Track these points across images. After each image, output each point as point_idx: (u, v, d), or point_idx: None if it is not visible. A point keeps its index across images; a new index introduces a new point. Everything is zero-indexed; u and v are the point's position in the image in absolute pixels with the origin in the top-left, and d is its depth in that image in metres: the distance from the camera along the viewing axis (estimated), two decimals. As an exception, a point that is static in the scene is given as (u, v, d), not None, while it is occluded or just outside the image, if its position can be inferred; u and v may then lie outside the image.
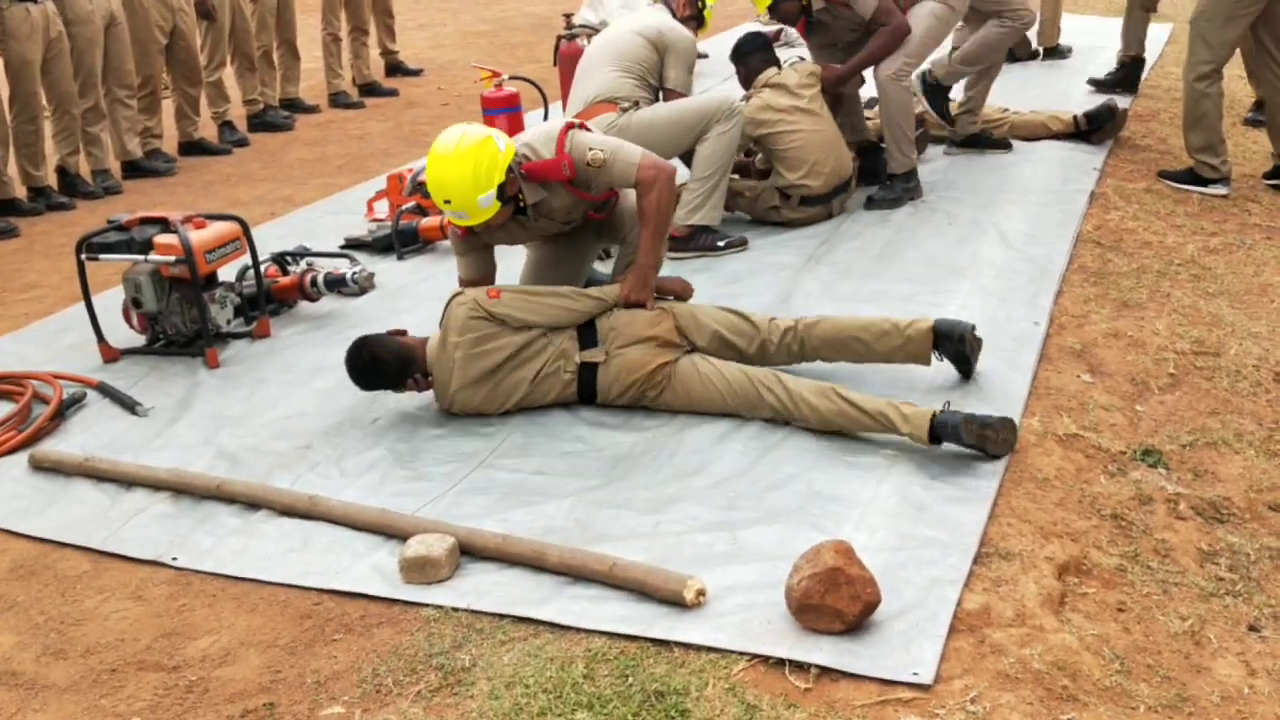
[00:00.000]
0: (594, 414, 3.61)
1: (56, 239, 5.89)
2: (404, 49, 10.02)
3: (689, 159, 4.96)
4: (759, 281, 4.62)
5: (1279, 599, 2.88)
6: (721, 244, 4.92)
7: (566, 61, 6.28)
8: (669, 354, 3.59)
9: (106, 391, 4.04)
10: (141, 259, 4.21)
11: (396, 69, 9.64)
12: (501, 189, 3.59)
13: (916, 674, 2.42)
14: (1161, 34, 9.04)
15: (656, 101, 4.96)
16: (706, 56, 7.80)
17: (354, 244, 5.28)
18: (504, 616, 2.72)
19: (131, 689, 2.65)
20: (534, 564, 2.86)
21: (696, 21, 5.30)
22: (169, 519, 3.29)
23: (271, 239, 5.27)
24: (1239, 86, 6.84)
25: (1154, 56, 8.18)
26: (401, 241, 5.16)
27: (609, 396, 3.62)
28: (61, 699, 2.65)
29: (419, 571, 2.87)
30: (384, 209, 5.66)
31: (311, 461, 3.52)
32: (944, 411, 3.23)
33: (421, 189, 5.47)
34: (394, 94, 8.99)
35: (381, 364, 3.62)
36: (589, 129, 3.85)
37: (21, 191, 6.43)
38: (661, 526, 3.00)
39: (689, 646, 2.55)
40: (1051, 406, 3.56)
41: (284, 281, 4.60)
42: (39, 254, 5.75)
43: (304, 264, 4.78)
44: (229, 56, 7.82)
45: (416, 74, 9.66)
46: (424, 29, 12.09)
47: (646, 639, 2.59)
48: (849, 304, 4.26)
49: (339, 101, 8.69)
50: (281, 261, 4.73)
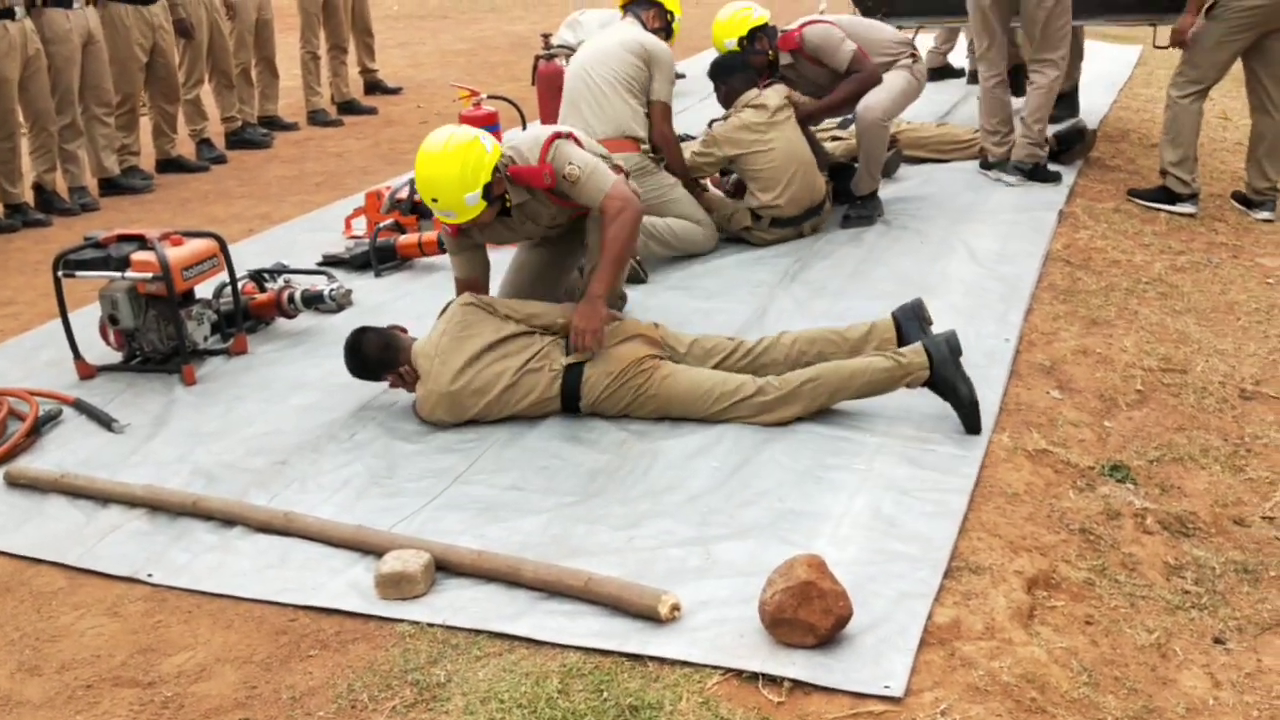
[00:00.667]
0: (570, 430, 3.63)
1: (33, 256, 5.89)
2: (383, 67, 10.07)
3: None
4: (734, 298, 4.67)
5: (1243, 612, 2.93)
6: None
7: (545, 81, 6.34)
8: (655, 350, 3.68)
9: (83, 408, 4.03)
10: (118, 276, 4.22)
11: (375, 87, 9.68)
12: (488, 189, 3.69)
13: (888, 687, 2.45)
14: (1131, 55, 9.19)
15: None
16: (684, 76, 7.86)
17: (331, 261, 5.30)
18: (479, 632, 2.74)
19: (107, 705, 2.65)
20: (509, 579, 2.88)
21: (665, 33, 5.36)
22: (145, 535, 3.29)
23: (249, 256, 5.28)
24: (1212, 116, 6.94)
25: (1123, 78, 8.30)
26: (379, 259, 5.18)
27: (593, 397, 3.65)
28: (36, 715, 2.65)
29: (394, 587, 2.88)
30: (362, 226, 5.68)
31: (288, 478, 3.53)
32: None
33: (399, 206, 5.51)
34: (373, 112, 9.03)
35: (367, 345, 3.77)
36: (577, 140, 3.90)
37: (-2, 208, 6.43)
38: (636, 542, 3.03)
39: (663, 661, 2.58)
40: (1021, 422, 3.61)
41: (261, 298, 4.61)
42: (15, 271, 5.75)
43: (281, 281, 4.79)
44: (207, 74, 7.84)
45: (395, 92, 9.70)
46: (403, 48, 12.14)
47: (621, 654, 2.61)
48: (822, 321, 4.28)
49: (317, 119, 8.72)
50: (259, 278, 4.74)
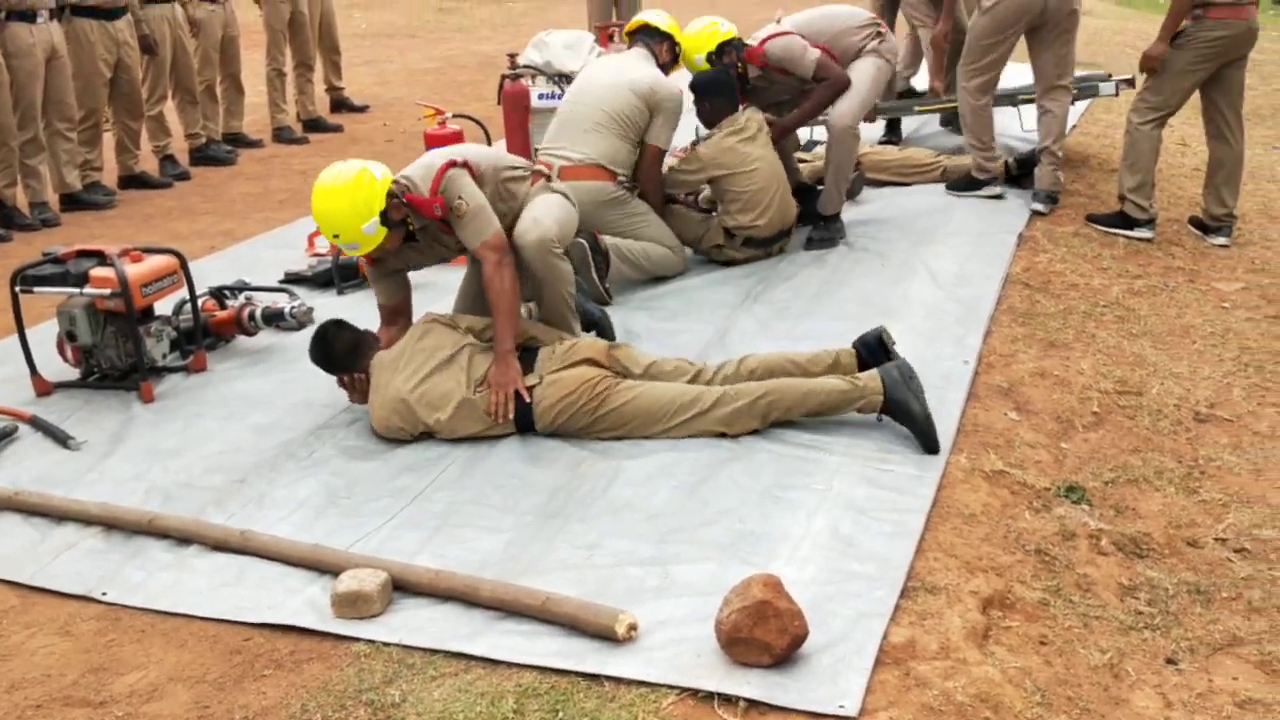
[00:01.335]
0: (530, 449, 3.63)
1: (-9, 271, 5.82)
2: (350, 85, 10.04)
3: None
4: (697, 319, 4.68)
5: (1196, 633, 2.96)
6: None
7: (510, 101, 6.33)
8: (605, 371, 3.69)
9: (39, 425, 3.99)
10: (77, 292, 4.18)
11: (342, 105, 9.66)
12: (385, 215, 3.71)
13: (842, 706, 2.46)
14: (1092, 82, 9.29)
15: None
16: None
17: (294, 278, 5.27)
18: (435, 652, 2.73)
19: (56, 726, 2.62)
20: (467, 599, 2.87)
21: (674, 62, 5.41)
22: (99, 554, 3.25)
23: (211, 273, 5.25)
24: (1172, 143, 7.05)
25: (1084, 104, 8.39)
26: (341, 276, 5.17)
27: (547, 420, 3.65)
28: (-17, 737, 2.61)
29: (351, 606, 2.87)
30: (325, 244, 5.65)
31: (245, 496, 3.50)
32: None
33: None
34: (339, 130, 9.01)
35: (336, 339, 3.86)
36: (473, 170, 3.86)
37: (-43, 222, 6.35)
38: (595, 560, 3.03)
39: (620, 681, 2.57)
40: (979, 444, 3.64)
41: (221, 316, 4.58)
42: (-28, 286, 5.67)
43: (242, 298, 4.76)
44: (171, 91, 7.79)
45: (362, 110, 9.69)
46: (370, 65, 12.12)
47: (578, 674, 2.61)
48: (784, 342, 4.32)
49: (283, 136, 8.69)
50: (219, 296, 4.71)
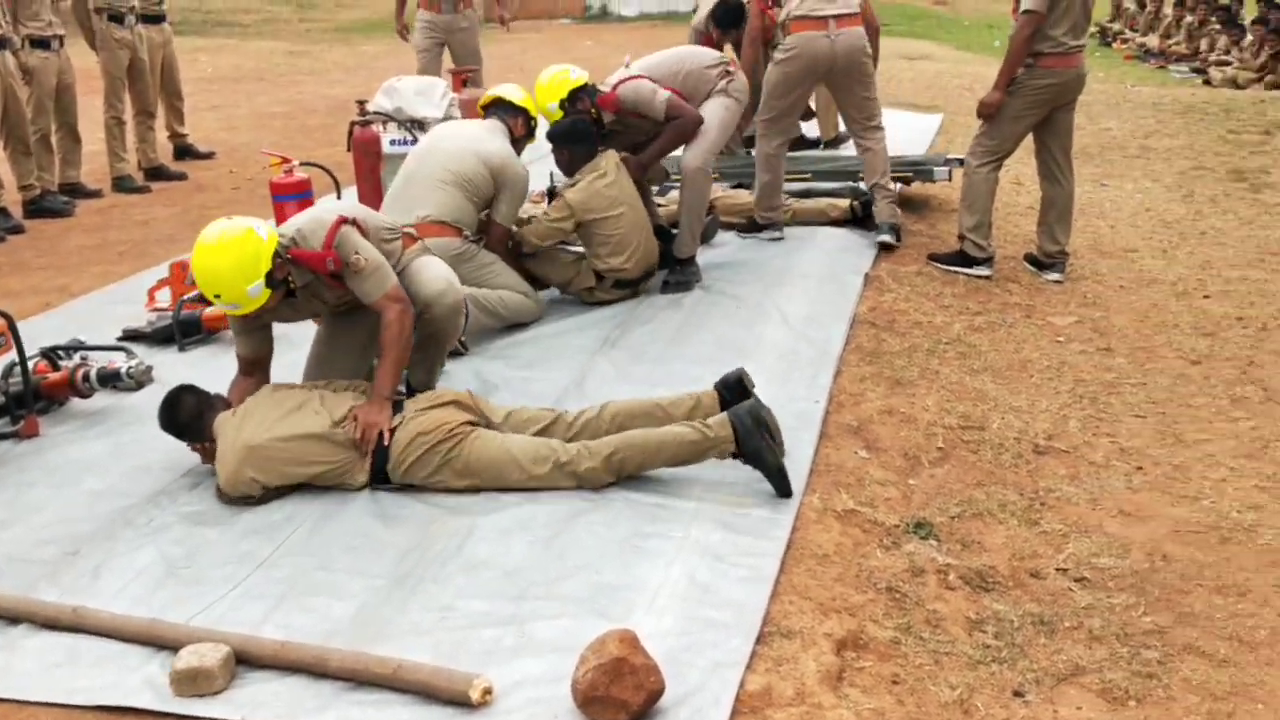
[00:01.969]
0: (381, 507, 3.54)
1: None
2: (195, 131, 9.79)
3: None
4: (554, 365, 4.67)
5: (1041, 664, 3.04)
6: None
7: (360, 147, 6.26)
8: (469, 416, 3.66)
9: None
10: (-108, 358, 3.94)
11: (186, 152, 9.39)
12: (269, 276, 3.64)
13: (699, 759, 2.45)
14: (933, 124, 9.67)
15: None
16: None
17: (132, 335, 5.07)
18: (282, 727, 2.63)
19: None
20: (315, 670, 2.77)
21: (528, 137, 5.42)
22: (-84, 640, 3.04)
23: (44, 332, 5.01)
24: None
25: (925, 145, 8.72)
26: (183, 332, 4.99)
27: (399, 459, 3.59)
28: None
29: (191, 684, 2.74)
30: (166, 298, 5.46)
31: (79, 569, 3.32)
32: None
33: (206, 278, 5.32)
34: (183, 178, 8.75)
35: (181, 406, 3.78)
36: (364, 229, 3.84)
37: None
38: (448, 623, 2.96)
39: (474, 746, 2.52)
40: (831, 483, 3.70)
41: (54, 378, 4.37)
42: None
43: (77, 358, 4.55)
44: (2, 142, 7.46)
45: (208, 157, 9.44)
46: (216, 110, 11.83)
47: (430, 742, 2.55)
48: (641, 387, 4.33)
49: (123, 186, 8.39)
50: (52, 356, 4.49)
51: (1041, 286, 5.98)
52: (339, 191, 6.18)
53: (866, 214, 6.30)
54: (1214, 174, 8.65)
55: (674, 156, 5.78)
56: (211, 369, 4.77)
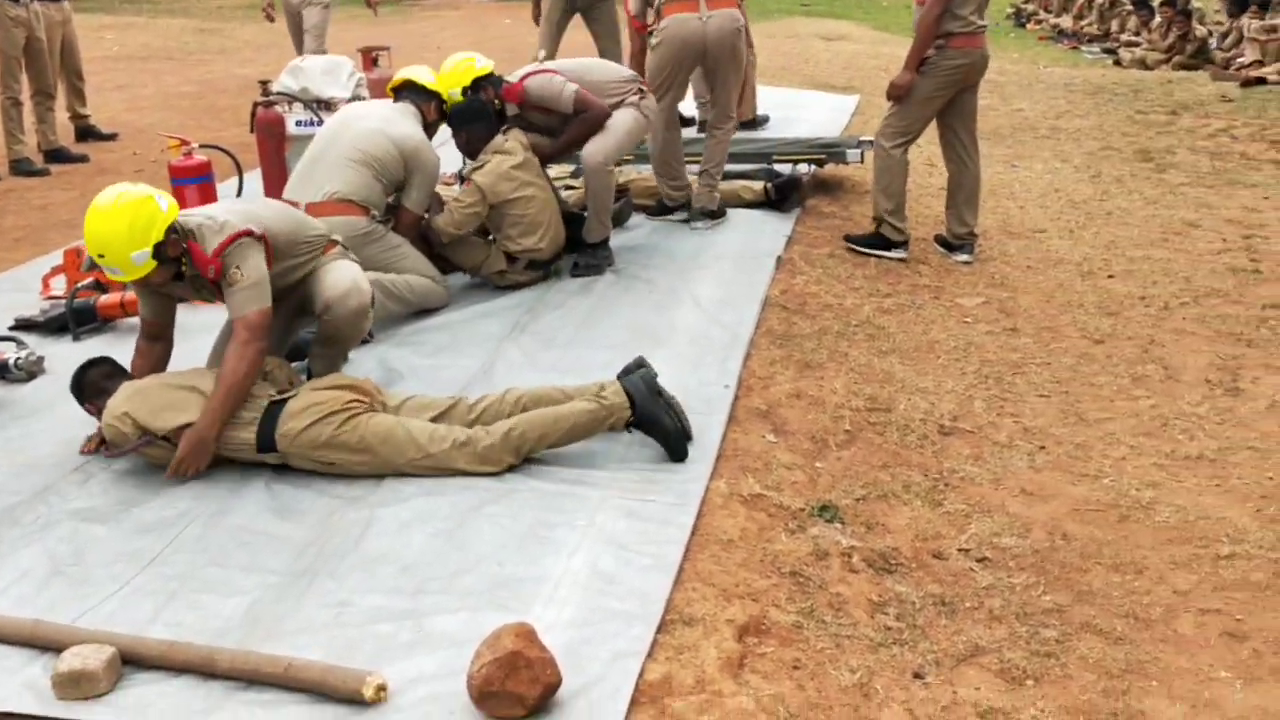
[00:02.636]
0: (278, 501, 3.46)
1: None
2: (99, 111, 9.50)
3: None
4: (462, 352, 4.60)
5: (941, 645, 3.06)
6: None
7: (263, 128, 6.10)
8: (364, 398, 3.62)
9: None
10: None
11: (88, 133, 9.11)
12: (159, 249, 3.56)
13: (597, 752, 2.43)
14: (849, 105, 9.72)
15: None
16: None
17: (25, 325, 4.90)
18: (168, 730, 2.55)
19: None
20: (203, 671, 2.69)
21: (440, 120, 5.33)
22: None
23: (-69, 322, 4.83)
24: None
25: (841, 125, 8.76)
26: (77, 321, 4.83)
27: (292, 431, 3.52)
28: None
29: (74, 687, 2.65)
30: (62, 285, 5.29)
31: (-40, 571, 3.20)
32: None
33: (102, 265, 5.16)
34: (84, 160, 8.48)
35: (95, 368, 3.79)
36: (268, 244, 3.75)
37: None
38: (344, 619, 2.89)
39: (367, 745, 2.47)
40: (738, 467, 3.69)
41: (-62, 370, 4.21)
42: None
43: (-36, 349, 4.39)
44: (-111, 122, 7.18)
45: (110, 139, 9.16)
46: (122, 90, 11.50)
47: (323, 741, 2.49)
48: (550, 374, 4.28)
49: (20, 169, 8.11)
50: (-64, 348, 4.33)
51: (951, 268, 6.03)
52: (240, 175, 6.03)
53: (781, 197, 6.30)
54: (1121, 154, 8.81)
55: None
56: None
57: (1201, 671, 3.00)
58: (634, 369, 3.79)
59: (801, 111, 9.03)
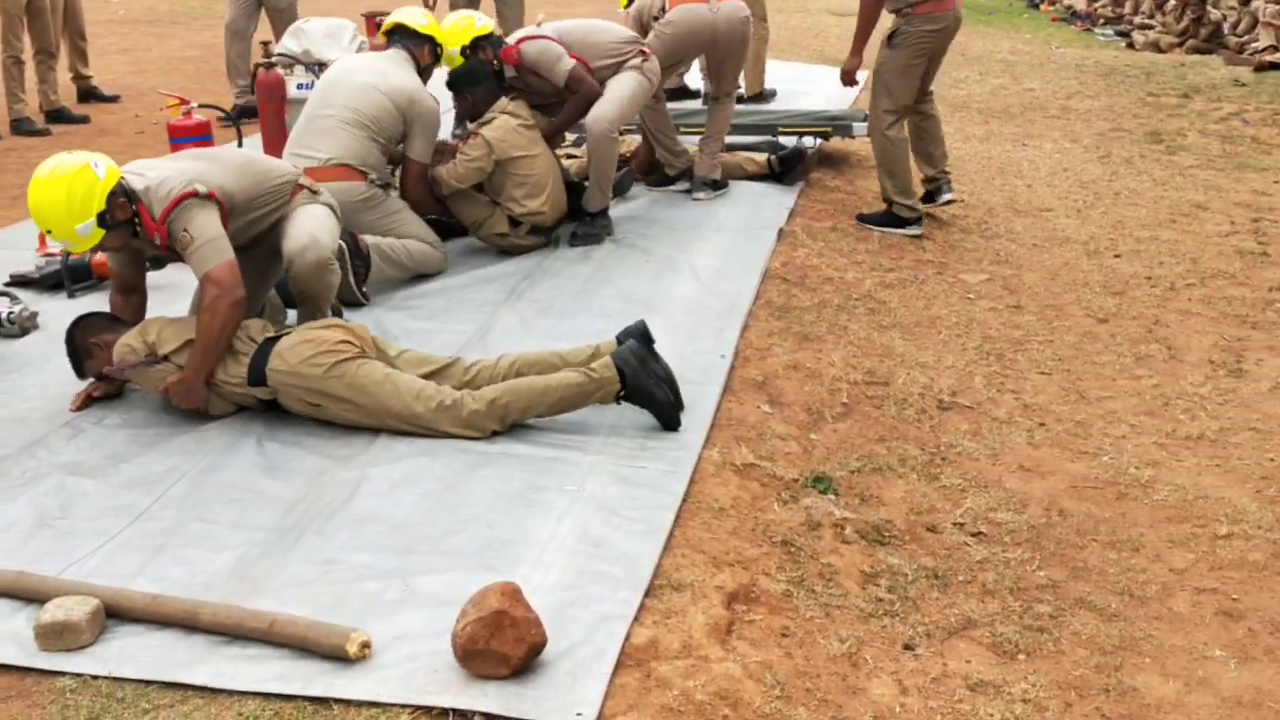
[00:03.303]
0: (268, 459, 3.43)
1: None
2: (103, 74, 9.44)
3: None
4: (457, 317, 4.57)
5: (932, 618, 3.03)
6: None
7: (264, 90, 6.05)
8: (359, 343, 3.61)
9: None
10: None
11: (90, 95, 9.05)
12: (103, 217, 3.49)
13: (580, 714, 2.40)
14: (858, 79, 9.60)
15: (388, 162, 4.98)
16: None
17: (19, 281, 4.87)
18: (149, 683, 2.52)
19: None
20: (186, 624, 2.67)
21: (435, 64, 5.25)
22: None
23: (-75, 277, 4.80)
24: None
25: (849, 102, 8.66)
26: (72, 278, 4.79)
27: (281, 369, 3.53)
28: None
29: (57, 638, 2.63)
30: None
31: (-53, 522, 3.18)
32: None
33: (99, 222, 5.13)
34: (85, 121, 8.43)
35: (93, 319, 3.80)
36: (220, 202, 3.67)
37: None
38: (330, 576, 2.87)
39: (349, 703, 2.44)
40: (732, 437, 3.65)
41: (-70, 323, 4.19)
42: None
43: (-42, 303, 4.36)
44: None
45: (113, 100, 9.10)
46: (126, 53, 11.43)
47: (304, 698, 2.46)
48: (545, 340, 4.24)
49: (21, 128, 8.05)
50: (-70, 301, 4.30)
51: (955, 243, 5.98)
52: (239, 136, 5.99)
53: (784, 169, 6.25)
54: (1132, 136, 8.73)
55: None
56: (101, 316, 4.61)
57: (1196, 650, 2.97)
58: (635, 332, 3.74)
59: (810, 86, 8.94)
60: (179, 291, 4.39)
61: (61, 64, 8.68)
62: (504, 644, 2.46)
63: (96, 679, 2.54)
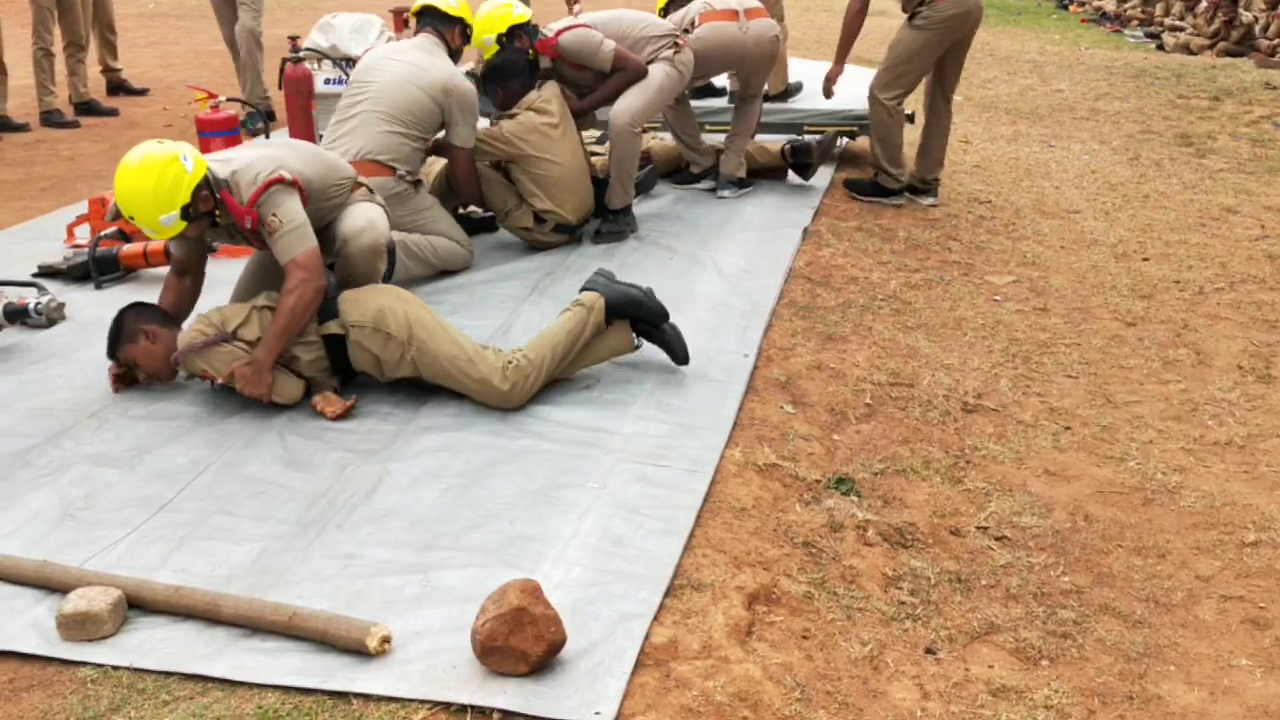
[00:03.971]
0: (291, 453, 3.44)
1: None
2: (131, 67, 9.50)
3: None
4: (481, 313, 4.57)
5: (955, 622, 3.01)
6: None
7: (291, 85, 6.07)
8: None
9: None
10: None
11: (119, 88, 9.12)
12: (186, 210, 3.56)
13: (599, 713, 2.39)
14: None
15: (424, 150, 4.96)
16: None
17: (48, 272, 4.90)
18: (170, 674, 2.53)
19: None
20: (208, 616, 2.68)
21: (465, 45, 5.24)
22: None
23: (-46, 266, 4.83)
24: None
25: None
26: (100, 269, 4.82)
27: (349, 299, 3.72)
28: None
29: (79, 628, 2.64)
30: (86, 234, 5.28)
31: (-28, 510, 3.20)
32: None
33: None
34: (114, 114, 8.49)
35: (146, 308, 3.84)
36: (301, 189, 3.73)
37: None
38: (351, 570, 2.87)
39: (369, 698, 2.45)
40: (754, 437, 3.63)
41: (-42, 312, 4.21)
42: None
43: (-13, 293, 4.38)
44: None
45: (141, 94, 9.16)
46: (156, 47, 11.50)
47: (324, 692, 2.47)
48: (569, 337, 4.24)
49: (51, 120, 8.12)
50: (-42, 291, 4.33)
51: (981, 245, 5.93)
52: (267, 129, 6.01)
53: (797, 161, 6.24)
54: (1161, 138, 8.65)
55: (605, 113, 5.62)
56: (127, 308, 4.63)
57: (1221, 658, 2.93)
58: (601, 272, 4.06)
59: (836, 85, 8.87)
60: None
61: (91, 57, 8.74)
62: (523, 641, 2.46)
63: (117, 669, 2.56)
